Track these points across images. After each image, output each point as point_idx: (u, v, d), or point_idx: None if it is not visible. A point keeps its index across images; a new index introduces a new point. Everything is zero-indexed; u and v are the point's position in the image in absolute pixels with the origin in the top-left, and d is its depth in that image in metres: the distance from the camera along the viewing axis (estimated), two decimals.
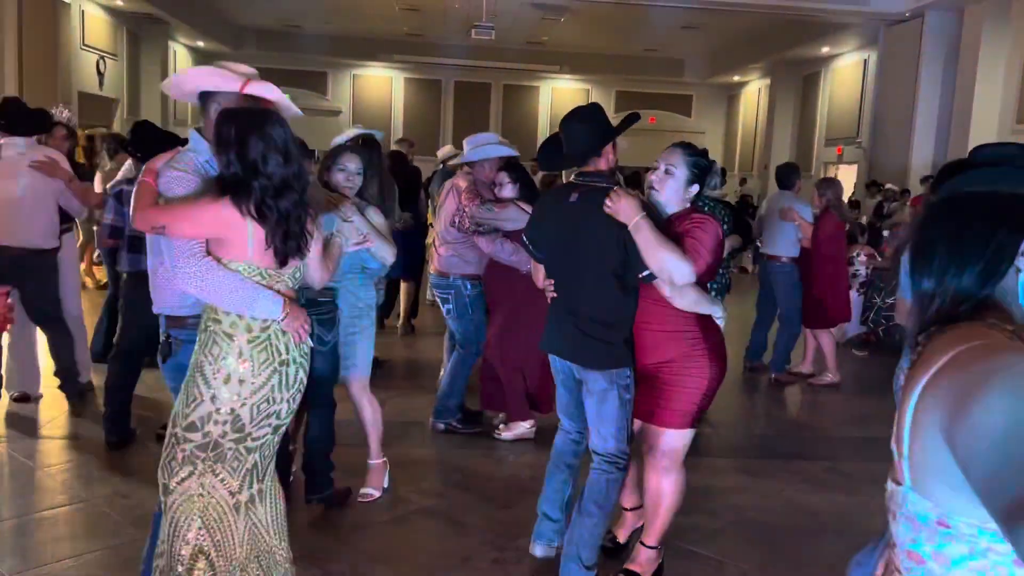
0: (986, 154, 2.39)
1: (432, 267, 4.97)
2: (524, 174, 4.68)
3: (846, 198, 12.16)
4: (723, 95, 21.97)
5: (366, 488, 3.87)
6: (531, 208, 3.83)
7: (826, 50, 15.83)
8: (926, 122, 12.12)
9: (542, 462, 3.49)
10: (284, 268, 2.50)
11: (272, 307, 2.44)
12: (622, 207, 2.81)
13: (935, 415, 1.12)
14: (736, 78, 20.39)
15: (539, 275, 3.24)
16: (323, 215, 3.16)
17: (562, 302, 3.08)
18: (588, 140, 3.01)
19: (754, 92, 20.19)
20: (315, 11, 16.63)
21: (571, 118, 3.07)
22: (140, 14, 15.13)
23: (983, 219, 1.24)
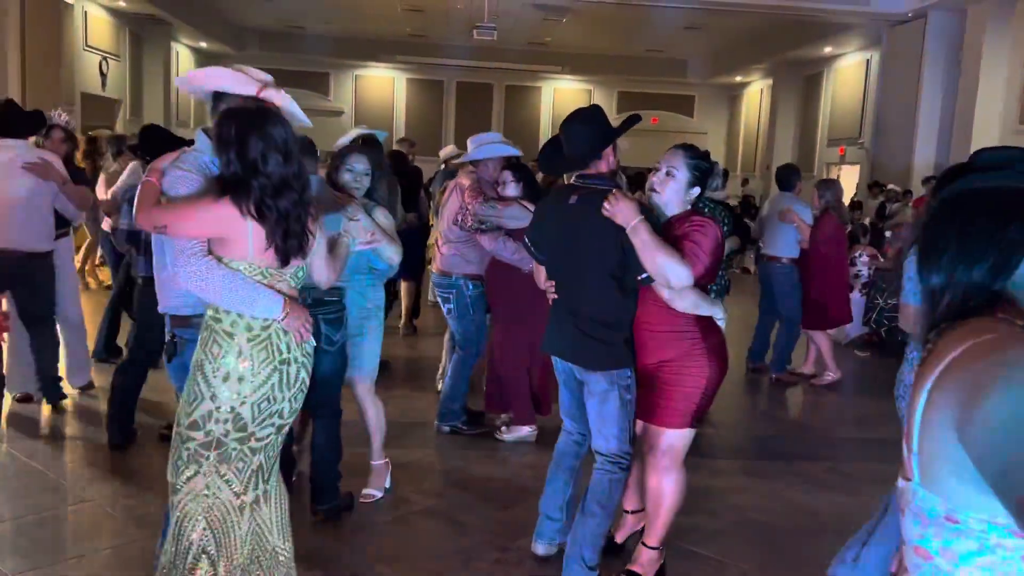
0: (987, 158, 2.39)
1: (434, 266, 4.98)
2: (528, 173, 4.69)
3: (848, 199, 12.17)
4: (725, 96, 21.95)
5: (368, 489, 3.87)
6: (534, 207, 3.84)
7: (828, 51, 15.81)
8: (928, 123, 12.10)
9: (543, 463, 3.50)
10: (286, 267, 2.50)
11: (272, 306, 2.44)
12: (620, 210, 2.81)
13: (945, 410, 1.12)
14: (738, 79, 20.37)
15: (540, 276, 3.24)
16: (329, 215, 3.17)
17: (563, 303, 3.08)
18: (588, 142, 3.01)
19: (756, 93, 20.18)
20: (317, 12, 16.65)
21: (571, 120, 3.07)
22: (143, 15, 15.15)
23: (992, 213, 1.23)
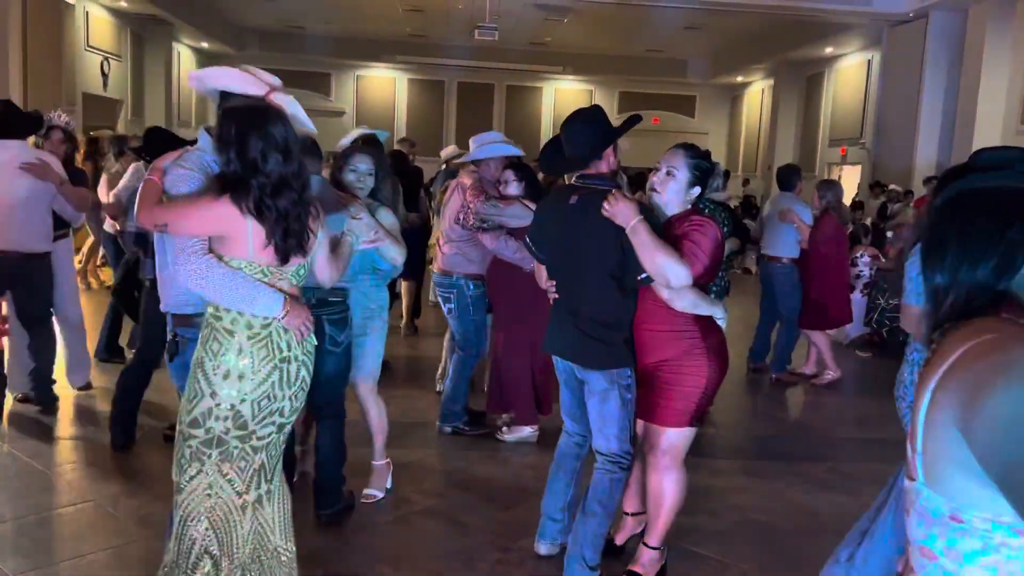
0: (987, 158, 2.39)
1: (436, 266, 4.98)
2: (529, 173, 4.69)
3: (850, 199, 12.16)
4: (726, 96, 21.95)
5: (369, 489, 3.87)
6: (536, 207, 3.84)
7: (830, 51, 15.81)
8: (930, 123, 12.10)
9: (545, 463, 3.50)
10: (286, 266, 2.51)
11: (272, 305, 2.44)
12: (619, 210, 2.81)
13: (949, 410, 1.12)
14: (739, 79, 20.37)
15: (541, 275, 3.25)
16: (333, 214, 3.17)
17: (563, 303, 3.09)
18: (589, 142, 3.01)
19: (757, 93, 20.17)
20: (318, 12, 16.65)
21: (572, 120, 3.07)
22: (144, 15, 15.17)
23: (995, 213, 1.23)
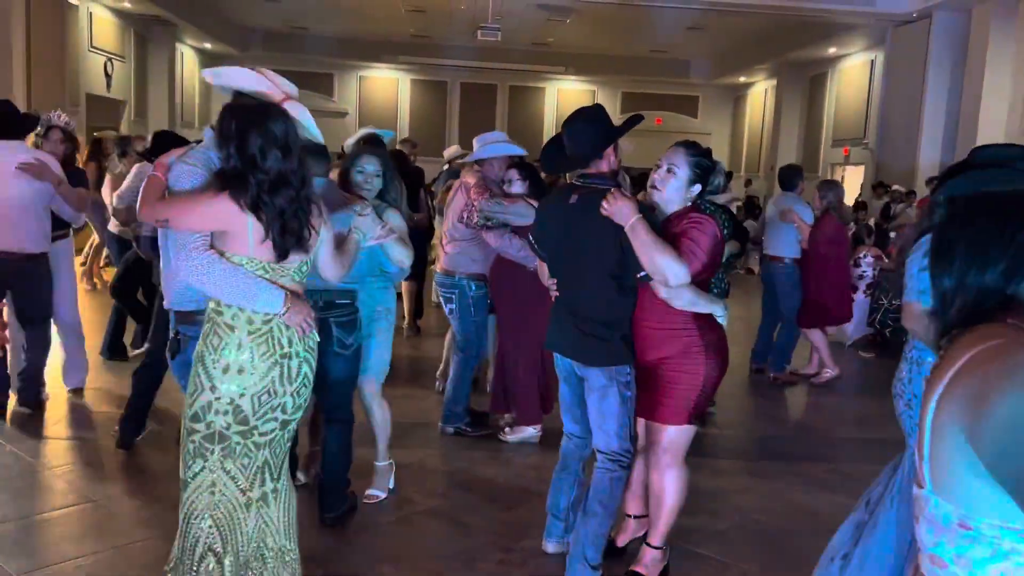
0: (987, 155, 2.39)
1: (438, 266, 4.99)
2: (533, 172, 4.69)
3: (852, 199, 12.15)
4: (729, 96, 21.94)
5: (371, 489, 3.87)
6: (537, 205, 3.85)
7: (833, 51, 15.79)
8: (933, 123, 12.08)
9: (547, 463, 3.50)
10: (288, 263, 2.51)
11: (273, 301, 2.45)
12: (618, 208, 2.82)
13: (955, 416, 1.12)
14: (742, 79, 20.35)
15: (544, 273, 3.27)
16: (338, 213, 3.16)
17: (563, 301, 3.11)
18: (590, 142, 3.02)
19: (760, 93, 20.16)
20: (321, 13, 16.67)
21: (573, 119, 3.08)
22: (148, 16, 15.20)
23: (1004, 218, 1.23)
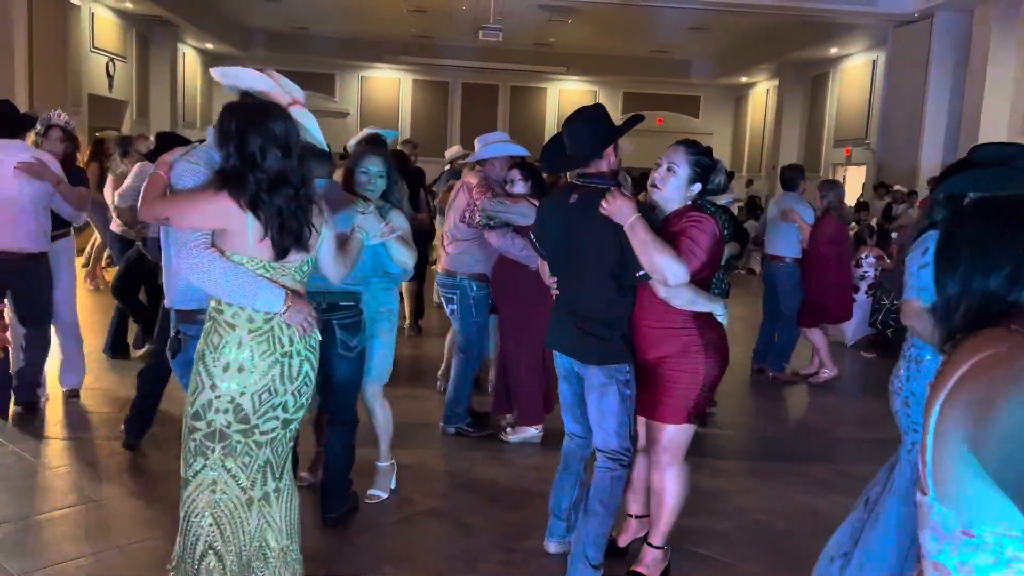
0: (986, 153, 2.39)
1: (439, 267, 4.98)
2: (535, 172, 4.69)
3: (854, 199, 12.14)
4: (731, 96, 21.94)
5: (373, 490, 3.87)
6: (538, 205, 3.85)
7: (834, 51, 15.79)
8: (935, 123, 12.07)
9: (549, 464, 3.50)
10: (288, 262, 2.51)
11: (274, 300, 2.45)
12: (617, 208, 2.83)
13: (958, 423, 1.11)
14: (744, 79, 20.35)
15: (545, 271, 3.29)
16: (340, 213, 3.16)
17: (563, 299, 3.13)
18: (590, 141, 3.02)
19: (762, 93, 20.15)
20: (323, 13, 16.67)
21: (574, 119, 3.08)
22: (149, 16, 15.22)
23: (1010, 221, 1.22)
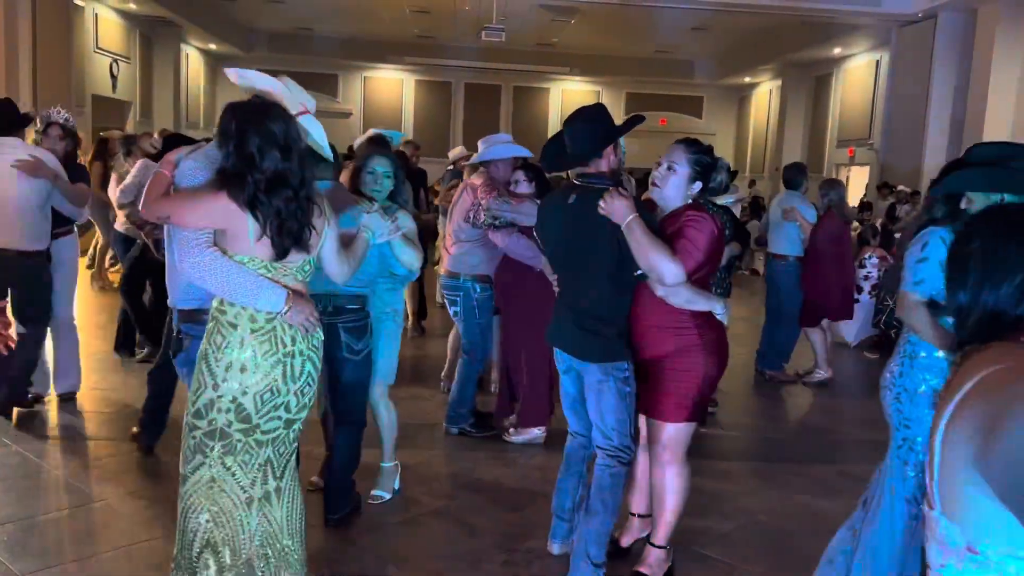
0: (981, 153, 2.39)
1: (441, 268, 4.98)
2: (540, 173, 4.69)
3: (857, 200, 12.12)
4: (734, 96, 21.90)
5: (377, 490, 3.87)
6: (539, 204, 3.85)
7: (838, 51, 15.76)
8: (939, 124, 12.03)
9: (552, 465, 3.50)
10: (289, 261, 2.51)
11: (275, 300, 2.45)
12: (615, 208, 2.83)
13: (963, 441, 1.11)
14: (747, 79, 20.32)
15: (548, 268, 3.33)
16: (345, 213, 3.16)
17: (563, 297, 3.15)
18: (590, 141, 3.02)
19: (765, 93, 20.12)
20: (326, 13, 16.68)
21: (574, 118, 3.09)
22: (153, 17, 15.23)
23: (1020, 232, 1.21)
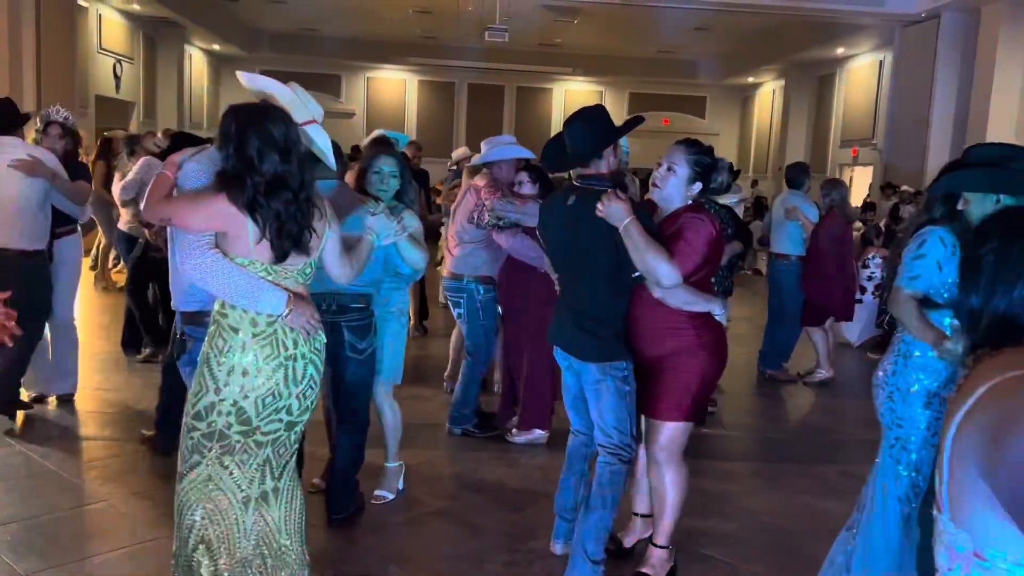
0: (979, 153, 2.39)
1: (444, 269, 4.98)
2: (543, 174, 4.69)
3: (861, 200, 12.09)
4: (737, 97, 21.89)
5: (380, 490, 3.88)
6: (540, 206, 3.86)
7: (841, 51, 15.74)
8: (942, 124, 12.01)
9: (554, 465, 3.50)
10: (289, 264, 2.51)
11: (276, 303, 2.44)
12: (612, 210, 2.84)
13: (971, 448, 1.11)
14: (750, 79, 20.30)
15: (551, 268, 3.36)
16: (351, 215, 3.16)
17: (563, 297, 3.17)
18: (589, 141, 3.03)
19: (768, 93, 20.10)
20: (329, 14, 16.69)
21: (574, 119, 3.09)
22: (156, 18, 15.26)
23: None
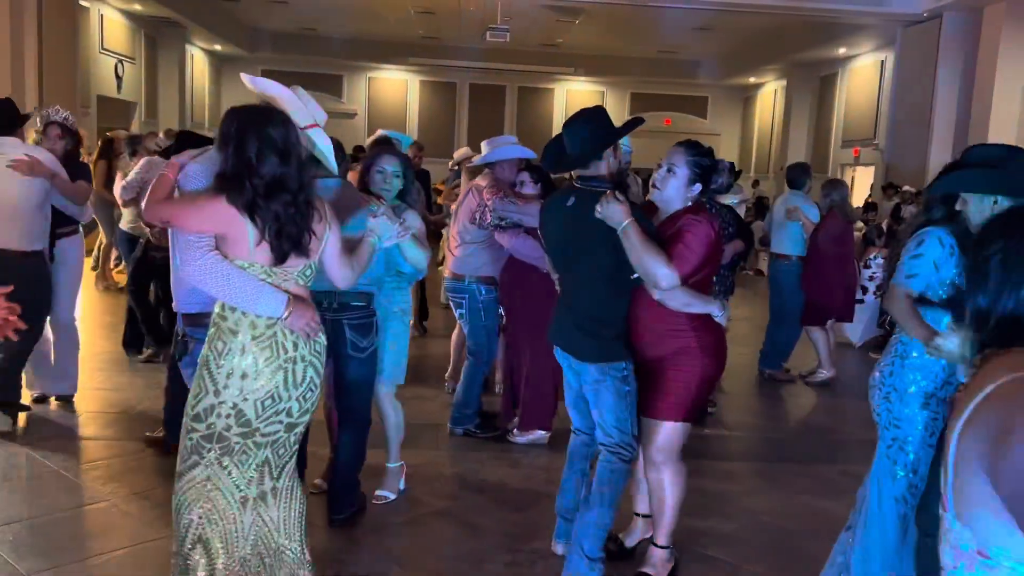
0: (978, 154, 2.39)
1: (445, 270, 4.98)
2: (545, 174, 4.69)
3: (862, 200, 12.09)
4: (738, 97, 21.88)
5: (381, 490, 3.88)
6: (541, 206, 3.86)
7: (843, 51, 15.73)
8: (944, 124, 12.00)
9: (556, 465, 3.50)
10: (289, 266, 2.50)
11: (276, 305, 2.44)
12: (611, 212, 2.84)
13: (976, 447, 1.11)
14: (752, 79, 20.29)
15: (553, 268, 3.36)
16: (354, 216, 3.15)
17: (564, 298, 3.18)
18: (589, 143, 3.03)
19: (770, 94, 20.09)
20: (330, 14, 16.70)
21: (573, 120, 3.09)
22: (158, 18, 15.28)
23: None
